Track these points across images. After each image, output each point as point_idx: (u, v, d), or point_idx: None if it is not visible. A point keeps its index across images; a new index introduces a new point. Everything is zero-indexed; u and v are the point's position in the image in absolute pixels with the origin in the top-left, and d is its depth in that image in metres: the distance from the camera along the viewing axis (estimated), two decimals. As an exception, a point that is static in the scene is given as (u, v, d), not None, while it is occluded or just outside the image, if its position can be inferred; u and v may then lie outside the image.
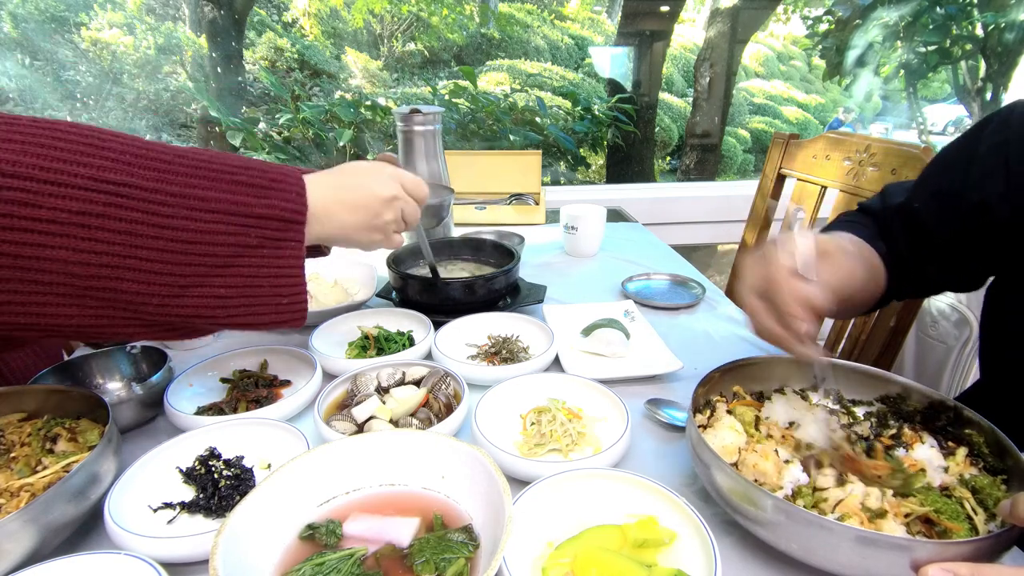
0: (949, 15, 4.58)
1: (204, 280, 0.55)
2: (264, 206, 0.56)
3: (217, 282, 0.55)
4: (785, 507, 0.47)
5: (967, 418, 0.58)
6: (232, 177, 0.56)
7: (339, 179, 0.66)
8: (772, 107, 7.17)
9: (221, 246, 0.54)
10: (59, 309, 0.50)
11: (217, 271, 0.55)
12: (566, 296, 1.16)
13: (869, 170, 1.19)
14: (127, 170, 0.50)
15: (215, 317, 0.56)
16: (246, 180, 0.56)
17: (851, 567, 0.46)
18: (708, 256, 2.87)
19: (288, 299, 0.60)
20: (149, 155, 0.52)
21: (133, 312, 0.53)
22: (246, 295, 0.57)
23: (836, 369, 0.67)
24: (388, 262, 1.03)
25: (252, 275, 0.57)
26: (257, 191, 0.56)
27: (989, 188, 0.65)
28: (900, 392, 0.64)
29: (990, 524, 0.49)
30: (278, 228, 0.57)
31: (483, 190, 1.72)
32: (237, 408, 0.74)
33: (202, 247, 0.54)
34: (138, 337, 0.59)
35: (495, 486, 0.48)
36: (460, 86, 3.62)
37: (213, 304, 0.56)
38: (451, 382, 0.75)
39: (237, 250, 0.55)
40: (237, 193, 0.55)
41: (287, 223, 0.58)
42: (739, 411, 0.64)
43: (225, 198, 0.54)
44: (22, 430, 0.62)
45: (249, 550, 0.45)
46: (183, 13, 4.42)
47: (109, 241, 0.49)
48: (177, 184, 0.53)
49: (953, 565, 0.41)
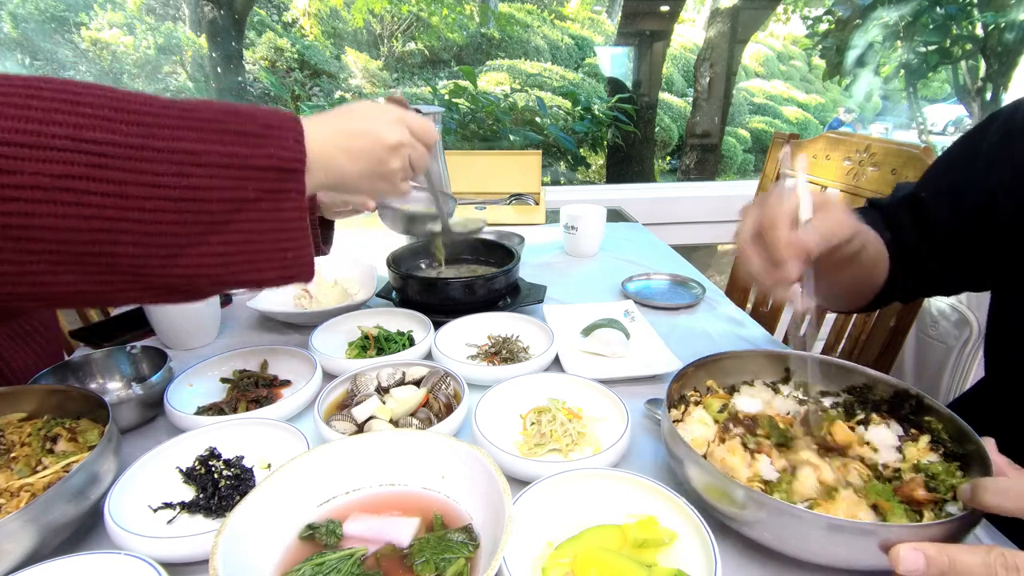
0: (949, 15, 4.58)
1: (203, 238, 0.52)
2: (260, 156, 0.52)
3: (216, 240, 0.52)
4: (757, 497, 0.48)
5: (928, 406, 0.60)
6: (221, 126, 0.52)
7: (341, 122, 0.61)
8: (772, 107, 7.17)
9: (216, 202, 0.51)
10: (57, 277, 0.48)
11: (216, 228, 0.52)
12: (566, 296, 1.16)
13: (869, 170, 1.19)
14: (108, 126, 0.47)
15: (218, 276, 0.54)
16: (236, 128, 0.52)
17: (823, 555, 0.47)
18: (708, 256, 2.87)
19: (293, 253, 0.57)
20: (131, 108, 0.49)
21: (133, 276, 0.51)
22: (248, 252, 0.54)
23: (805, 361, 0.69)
24: (388, 262, 1.03)
25: (253, 231, 0.54)
26: (249, 140, 0.52)
27: (994, 178, 0.66)
28: (866, 383, 0.66)
29: (952, 507, 0.51)
30: (276, 179, 0.54)
31: (483, 190, 1.72)
32: (237, 408, 0.74)
33: (196, 204, 0.50)
34: (142, 301, 0.56)
35: (495, 486, 0.48)
36: (460, 86, 3.62)
37: (214, 263, 0.53)
38: (451, 382, 0.75)
39: (234, 205, 0.52)
40: (227, 144, 0.51)
41: (286, 173, 0.54)
42: (707, 402, 0.66)
43: (216, 150, 0.51)
44: (22, 430, 0.62)
45: (249, 550, 0.45)
46: (183, 13, 4.42)
47: (98, 204, 0.47)
48: (163, 139, 0.49)
49: (921, 544, 0.43)
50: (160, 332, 0.94)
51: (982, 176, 0.67)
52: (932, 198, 0.73)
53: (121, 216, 0.48)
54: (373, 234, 1.53)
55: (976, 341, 1.28)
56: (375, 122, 0.64)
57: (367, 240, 1.48)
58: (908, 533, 0.44)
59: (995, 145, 0.67)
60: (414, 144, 0.68)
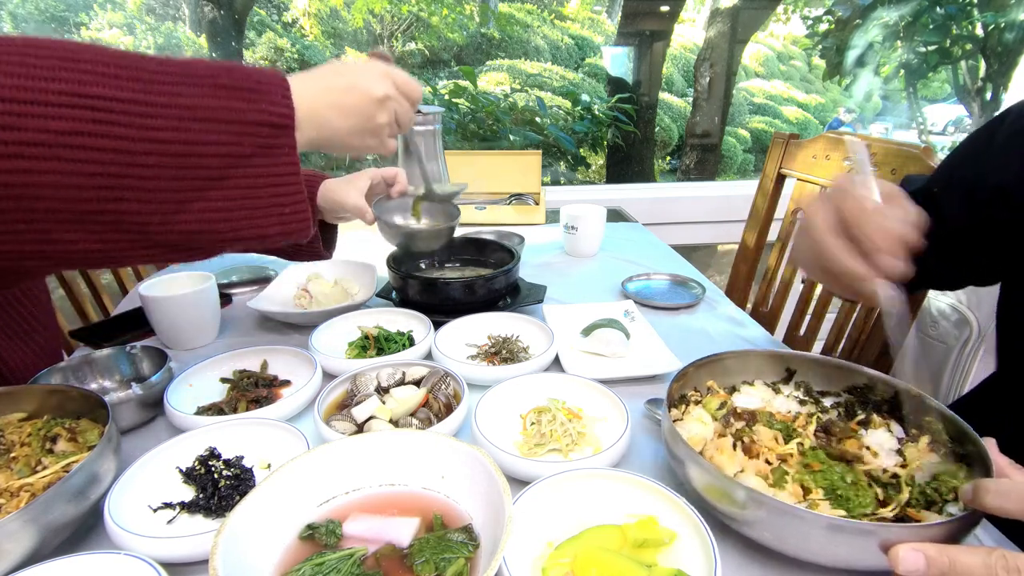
0: (949, 15, 4.58)
1: (202, 194, 0.52)
2: (254, 111, 0.53)
3: (215, 195, 0.53)
4: (757, 497, 0.48)
5: (929, 406, 0.60)
6: (215, 80, 0.52)
7: (327, 80, 0.62)
8: (772, 107, 7.16)
9: (214, 156, 0.52)
10: (63, 235, 0.48)
11: (214, 184, 0.52)
12: (566, 296, 1.16)
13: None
14: (109, 83, 0.47)
15: (219, 232, 0.54)
16: (229, 83, 0.53)
17: (823, 555, 0.47)
18: (708, 256, 2.87)
19: (290, 208, 0.57)
20: (130, 65, 0.49)
21: (138, 233, 0.51)
22: (246, 207, 0.55)
23: (804, 362, 0.69)
24: (388, 262, 1.03)
25: (250, 185, 0.54)
26: (244, 94, 0.53)
27: (1007, 172, 0.65)
28: (866, 383, 0.66)
29: (953, 507, 0.51)
30: (269, 135, 0.54)
31: (483, 190, 1.72)
32: (237, 408, 0.74)
33: (195, 159, 0.51)
34: (148, 260, 0.57)
35: (495, 486, 0.48)
36: (460, 86, 3.61)
37: (215, 218, 0.53)
38: (451, 382, 0.75)
39: (231, 160, 0.53)
40: (223, 98, 0.52)
41: (277, 128, 0.55)
42: (705, 400, 0.66)
43: (213, 104, 0.51)
44: (22, 430, 0.62)
45: (249, 550, 0.45)
46: (183, 13, 4.42)
47: (101, 161, 0.47)
48: (163, 94, 0.49)
49: (921, 545, 0.43)
50: (160, 332, 0.94)
51: (994, 170, 0.67)
52: (943, 192, 0.72)
53: (124, 172, 0.48)
54: (373, 234, 1.53)
55: (976, 341, 1.28)
56: (361, 77, 0.65)
57: (367, 240, 1.48)
58: (908, 533, 0.44)
59: (1008, 139, 0.67)
60: (399, 99, 0.68)
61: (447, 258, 1.17)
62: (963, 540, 0.47)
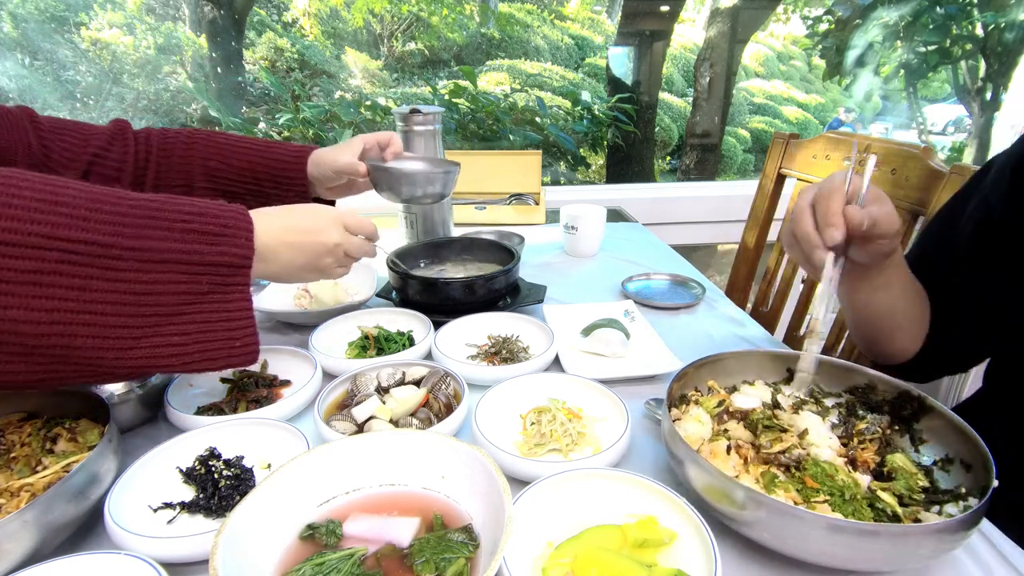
0: (949, 15, 4.57)
1: (158, 329, 0.54)
2: (215, 253, 0.56)
3: (171, 330, 0.55)
4: (757, 497, 0.48)
5: (930, 407, 0.60)
6: (186, 225, 0.55)
7: (288, 220, 0.68)
8: (772, 107, 7.16)
9: (173, 295, 0.54)
10: (5, 367, 0.49)
11: (171, 320, 0.55)
12: (566, 296, 1.16)
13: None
14: (82, 225, 0.49)
15: (171, 365, 0.56)
16: (199, 228, 0.56)
17: (823, 555, 0.47)
18: (708, 256, 2.86)
19: (241, 341, 0.60)
20: (104, 207, 0.51)
21: (86, 366, 0.52)
22: (200, 341, 0.57)
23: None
24: (388, 262, 1.03)
25: (205, 320, 0.57)
26: (209, 238, 0.56)
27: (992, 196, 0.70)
28: (868, 383, 0.66)
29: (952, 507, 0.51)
30: (227, 274, 0.58)
31: (483, 190, 1.72)
32: (237, 408, 0.74)
33: (154, 297, 0.53)
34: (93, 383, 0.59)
35: (495, 486, 0.48)
36: (460, 86, 3.61)
37: (167, 353, 0.55)
38: (451, 382, 0.75)
39: (189, 298, 0.56)
40: (189, 242, 0.55)
41: (235, 268, 0.58)
42: (703, 400, 0.66)
43: (178, 248, 0.54)
44: (22, 430, 0.62)
45: (249, 550, 0.45)
46: (183, 13, 4.42)
47: (62, 298, 0.48)
48: (132, 237, 0.52)
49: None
50: (160, 332, 0.94)
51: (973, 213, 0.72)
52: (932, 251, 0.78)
53: (83, 309, 0.49)
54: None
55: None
56: (317, 221, 0.71)
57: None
58: (908, 533, 0.44)
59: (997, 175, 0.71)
60: (349, 240, 0.75)
61: (447, 257, 1.17)
62: (963, 540, 0.47)
